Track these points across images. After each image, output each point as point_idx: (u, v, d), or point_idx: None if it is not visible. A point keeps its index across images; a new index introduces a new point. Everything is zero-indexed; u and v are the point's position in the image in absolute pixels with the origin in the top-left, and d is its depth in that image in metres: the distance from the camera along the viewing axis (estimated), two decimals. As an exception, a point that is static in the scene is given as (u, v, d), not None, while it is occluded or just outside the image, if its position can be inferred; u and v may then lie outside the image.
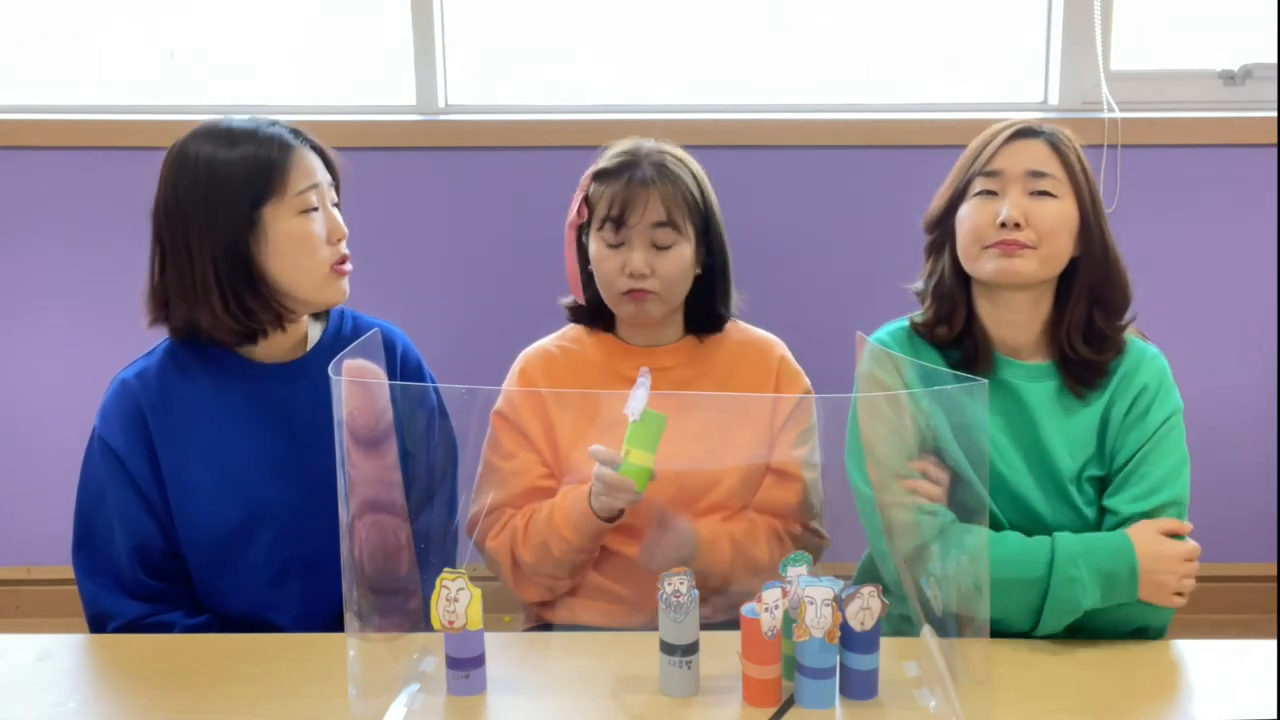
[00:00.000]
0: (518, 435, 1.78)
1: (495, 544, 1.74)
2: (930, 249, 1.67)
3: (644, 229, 1.71)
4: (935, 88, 2.75)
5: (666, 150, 1.78)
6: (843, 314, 2.64)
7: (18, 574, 2.86)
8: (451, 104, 2.73)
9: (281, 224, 1.59)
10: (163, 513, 1.63)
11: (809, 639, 1.34)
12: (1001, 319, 1.61)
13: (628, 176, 1.72)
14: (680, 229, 1.72)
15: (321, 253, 1.62)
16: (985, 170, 1.58)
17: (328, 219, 1.64)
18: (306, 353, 1.70)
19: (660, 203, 1.71)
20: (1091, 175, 1.60)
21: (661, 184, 1.71)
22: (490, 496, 1.76)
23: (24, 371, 2.77)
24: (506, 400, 1.80)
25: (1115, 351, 1.60)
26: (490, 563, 1.76)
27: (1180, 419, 1.60)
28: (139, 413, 1.62)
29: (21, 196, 2.69)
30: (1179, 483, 1.56)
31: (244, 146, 1.58)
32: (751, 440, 1.76)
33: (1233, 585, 2.79)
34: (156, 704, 1.41)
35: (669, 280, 1.72)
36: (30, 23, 2.77)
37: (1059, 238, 1.56)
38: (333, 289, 1.65)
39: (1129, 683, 1.43)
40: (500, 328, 2.67)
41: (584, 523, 1.67)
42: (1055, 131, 1.60)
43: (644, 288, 1.71)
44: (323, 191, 1.64)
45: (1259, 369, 2.75)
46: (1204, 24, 2.74)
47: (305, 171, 1.61)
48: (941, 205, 1.63)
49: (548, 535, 1.70)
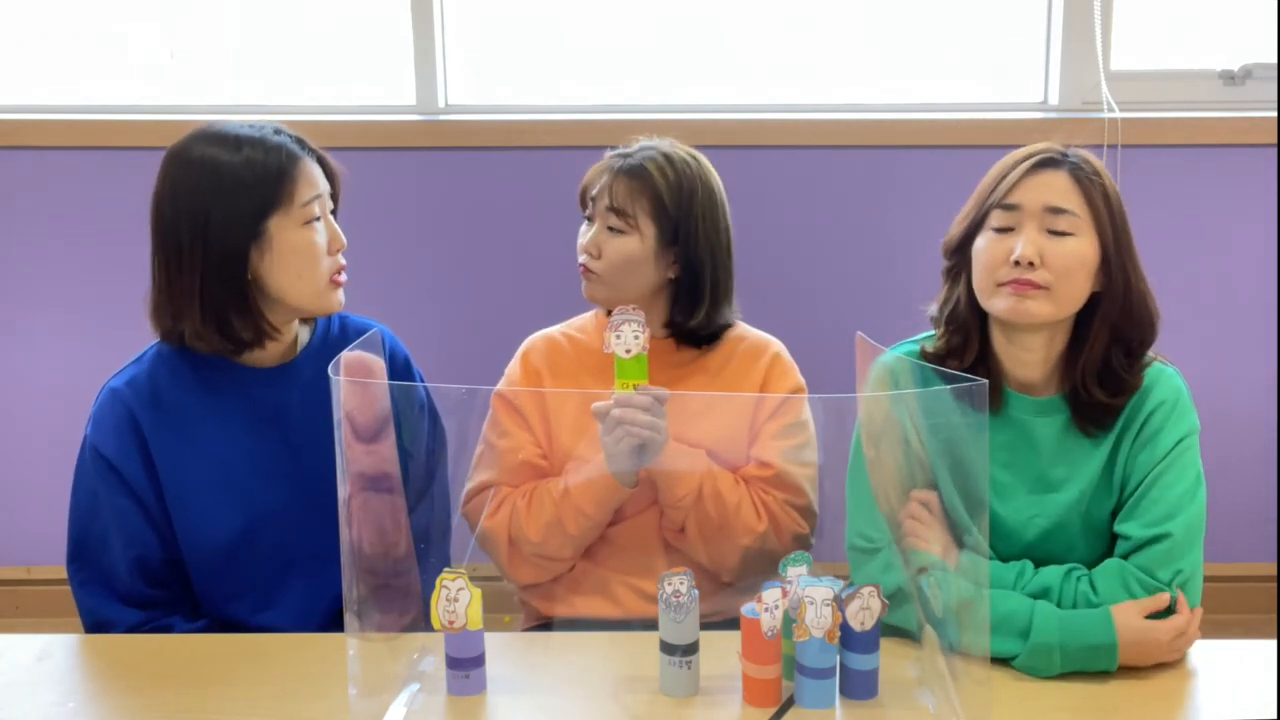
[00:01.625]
0: (515, 415, 1.79)
1: (491, 523, 1.74)
2: (947, 275, 1.62)
3: (602, 211, 1.75)
4: (936, 88, 2.74)
5: (668, 153, 1.76)
6: (843, 314, 2.65)
7: (18, 574, 2.86)
8: (451, 104, 2.73)
9: (287, 234, 1.58)
10: (161, 520, 1.62)
11: (809, 639, 1.34)
12: (1016, 356, 1.56)
13: (610, 162, 1.77)
14: (631, 221, 1.73)
15: (323, 264, 1.62)
16: (1003, 203, 1.52)
17: (329, 229, 1.64)
18: (296, 356, 1.69)
19: (621, 190, 1.73)
20: (1119, 206, 1.54)
21: (629, 176, 1.74)
22: (485, 473, 1.77)
23: (24, 371, 2.77)
24: (508, 382, 1.82)
25: (1130, 394, 1.54)
26: (483, 541, 1.75)
27: (1195, 439, 1.54)
28: (132, 420, 1.61)
29: (21, 196, 2.69)
30: (1193, 506, 1.50)
31: (249, 152, 1.57)
32: (733, 440, 1.76)
33: (1233, 585, 2.79)
34: (156, 704, 1.41)
35: (611, 263, 1.74)
36: (30, 23, 2.76)
37: (1075, 279, 1.50)
38: (330, 299, 1.65)
39: (1129, 683, 1.43)
40: (499, 328, 2.67)
41: (606, 493, 1.68)
42: (1080, 162, 1.53)
43: (588, 265, 1.75)
44: (324, 201, 1.64)
45: (1259, 369, 2.75)
46: (1204, 24, 2.74)
47: (310, 182, 1.61)
48: (959, 233, 1.58)
49: (562, 512, 1.70)
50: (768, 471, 1.73)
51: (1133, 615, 1.45)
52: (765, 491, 1.73)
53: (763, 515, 1.71)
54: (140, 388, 1.63)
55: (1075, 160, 1.53)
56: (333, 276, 1.64)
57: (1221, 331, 2.73)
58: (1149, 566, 1.48)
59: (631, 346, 1.52)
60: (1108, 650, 1.43)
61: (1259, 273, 2.71)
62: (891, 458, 1.51)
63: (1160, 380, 1.56)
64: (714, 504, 1.69)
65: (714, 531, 1.69)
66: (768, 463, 1.74)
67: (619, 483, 1.68)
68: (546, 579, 1.76)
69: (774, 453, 1.74)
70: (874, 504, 1.55)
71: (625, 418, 1.58)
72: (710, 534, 1.70)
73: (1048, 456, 1.57)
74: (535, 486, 1.74)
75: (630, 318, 1.51)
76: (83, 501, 1.64)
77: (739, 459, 1.75)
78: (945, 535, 1.45)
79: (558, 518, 1.70)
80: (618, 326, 1.51)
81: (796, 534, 1.73)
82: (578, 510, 1.69)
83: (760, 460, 1.75)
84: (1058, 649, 1.42)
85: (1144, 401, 1.55)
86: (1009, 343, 1.56)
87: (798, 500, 1.74)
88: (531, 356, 1.84)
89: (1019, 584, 1.49)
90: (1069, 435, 1.57)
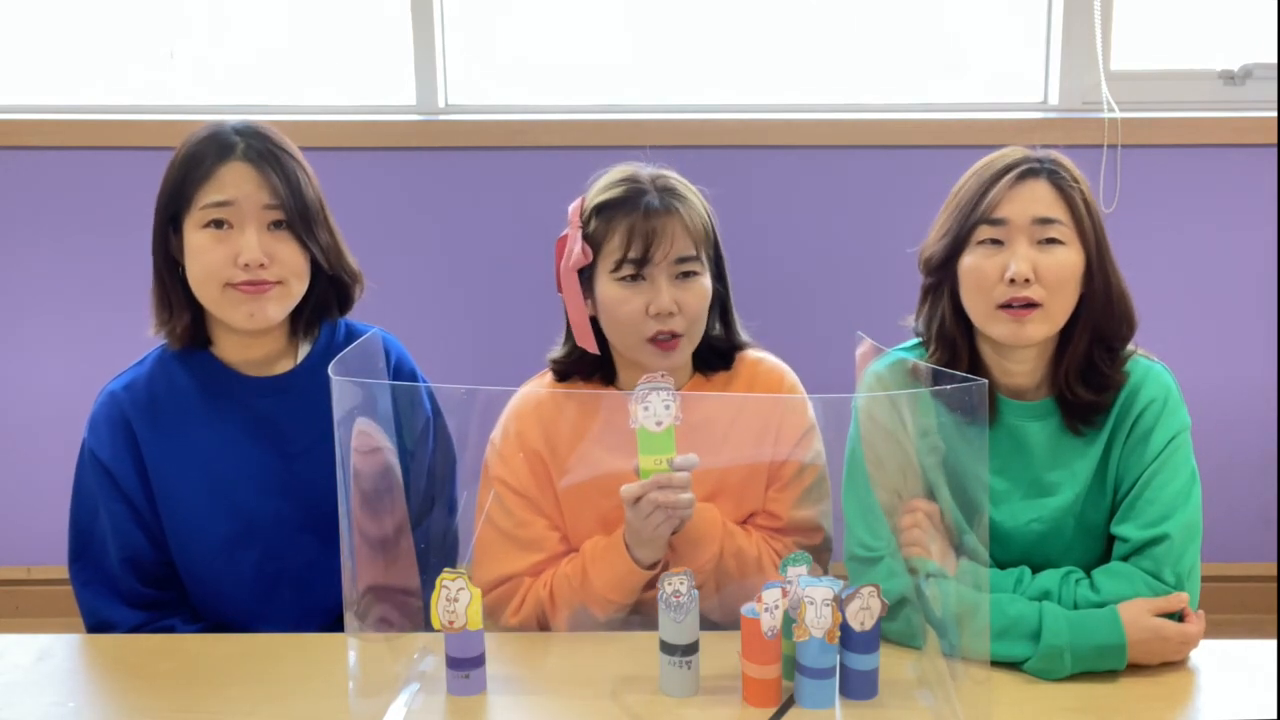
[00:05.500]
0: (524, 502, 1.64)
1: (518, 620, 1.62)
2: (929, 291, 1.60)
3: (667, 264, 1.56)
4: (935, 88, 2.75)
5: (666, 174, 1.63)
6: (843, 314, 2.64)
7: (18, 574, 2.86)
8: (451, 104, 2.73)
9: (189, 234, 1.58)
10: (153, 524, 1.62)
11: (809, 639, 1.34)
12: (1006, 368, 1.56)
13: (642, 206, 1.56)
14: (702, 259, 1.59)
15: (215, 270, 1.55)
16: (990, 218, 1.51)
17: (239, 240, 1.55)
18: (296, 366, 1.68)
19: (685, 233, 1.56)
20: (1096, 209, 1.54)
21: (681, 211, 1.57)
22: (500, 566, 1.63)
23: (24, 371, 2.77)
24: (504, 464, 1.65)
25: (1115, 390, 1.54)
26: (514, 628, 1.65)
27: (1187, 436, 1.54)
28: (126, 424, 1.61)
29: (21, 196, 2.69)
30: (1189, 505, 1.50)
31: (186, 149, 1.59)
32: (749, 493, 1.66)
33: (1233, 585, 2.79)
34: (156, 704, 1.41)
35: (694, 316, 1.58)
36: (30, 23, 2.76)
37: (1067, 290, 1.50)
38: (230, 310, 1.57)
39: (1129, 682, 1.43)
40: (499, 328, 2.69)
41: (630, 580, 1.56)
42: (1056, 167, 1.53)
43: (672, 329, 1.56)
44: (243, 210, 1.56)
45: (1259, 369, 2.75)
46: (1204, 24, 2.74)
47: (222, 186, 1.55)
48: (942, 251, 1.55)
49: (585, 599, 1.58)
50: (778, 523, 1.65)
51: (1139, 614, 1.45)
52: (775, 539, 1.64)
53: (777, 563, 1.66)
54: (138, 392, 1.64)
55: (1051, 166, 1.53)
56: (237, 285, 1.55)
57: (1221, 332, 2.73)
58: (1150, 568, 1.48)
59: (663, 419, 1.38)
60: (1117, 650, 1.43)
61: (1259, 273, 2.71)
62: (889, 465, 1.51)
63: (1149, 379, 1.56)
64: (736, 562, 1.60)
65: (735, 588, 1.59)
66: (778, 515, 1.65)
67: (642, 568, 1.55)
68: None
69: (782, 504, 1.65)
70: (872, 513, 1.54)
71: (666, 501, 1.44)
72: (730, 590, 1.60)
73: (1041, 461, 1.57)
74: (554, 573, 1.62)
75: (659, 386, 1.37)
76: (82, 503, 1.64)
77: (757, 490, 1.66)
78: (945, 542, 1.45)
79: (584, 605, 1.59)
80: (645, 398, 1.37)
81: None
82: (604, 600, 1.58)
83: (770, 512, 1.66)
84: (1068, 650, 1.42)
85: (1134, 401, 1.55)
86: (1000, 356, 1.56)
87: (812, 541, 1.65)
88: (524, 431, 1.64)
89: (1018, 589, 1.49)
90: (1061, 439, 1.57)
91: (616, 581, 1.56)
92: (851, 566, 1.57)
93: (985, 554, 1.40)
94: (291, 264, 1.59)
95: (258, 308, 1.57)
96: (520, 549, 1.63)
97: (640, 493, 1.45)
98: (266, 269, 1.56)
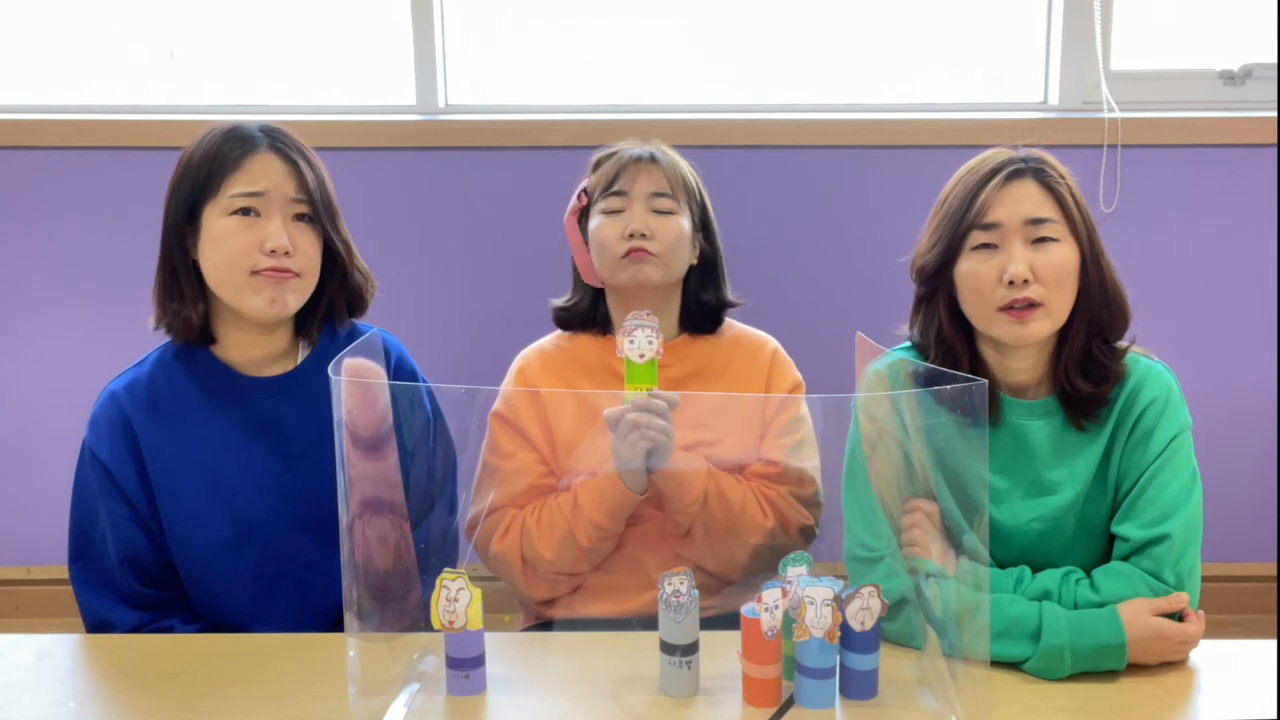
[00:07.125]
0: (516, 435, 1.78)
1: (502, 546, 1.73)
2: (923, 299, 1.61)
3: (643, 196, 1.76)
4: (936, 88, 2.75)
5: (663, 147, 1.84)
6: (843, 314, 2.65)
7: (18, 574, 2.86)
8: (451, 104, 2.74)
9: (212, 222, 1.58)
10: (153, 524, 1.62)
11: (809, 639, 1.34)
12: (1007, 366, 1.57)
13: (625, 154, 1.80)
14: (678, 202, 1.77)
15: (240, 256, 1.57)
16: (982, 223, 1.52)
17: (265, 228, 1.57)
18: (297, 366, 1.68)
19: (660, 173, 1.77)
20: (1083, 204, 1.55)
21: (659, 161, 1.79)
22: (491, 497, 1.76)
23: (24, 371, 2.77)
24: (504, 401, 1.80)
25: (1114, 382, 1.55)
26: (495, 565, 1.75)
27: (1188, 436, 1.55)
28: (127, 425, 1.62)
29: (21, 196, 2.69)
30: (1189, 505, 1.51)
31: (209, 143, 1.59)
32: (745, 439, 1.77)
33: (1233, 585, 2.79)
34: (156, 704, 1.41)
35: (668, 244, 1.75)
36: (30, 23, 2.77)
37: (1065, 287, 1.51)
38: (249, 299, 1.58)
39: (1128, 682, 1.43)
40: (500, 328, 2.68)
41: (617, 503, 1.68)
42: (1042, 166, 1.53)
43: (644, 247, 1.74)
44: (272, 201, 1.58)
45: (1259, 369, 2.75)
46: (1204, 24, 2.75)
47: (251, 176, 1.57)
48: (935, 259, 1.56)
49: (573, 525, 1.69)
50: (773, 469, 1.74)
51: (1140, 613, 1.45)
52: (769, 486, 1.74)
53: (768, 511, 1.71)
54: (138, 391, 1.64)
55: (1037, 165, 1.53)
56: (261, 272, 1.57)
57: (1221, 331, 2.74)
58: (1150, 568, 1.48)
59: (645, 351, 1.51)
60: (1117, 650, 1.43)
61: (1259, 273, 2.71)
62: (889, 464, 1.51)
63: (1150, 378, 1.56)
64: (719, 505, 1.69)
65: (721, 533, 1.69)
66: (774, 460, 1.75)
67: (629, 490, 1.68)
68: (562, 593, 1.76)
69: (779, 450, 1.75)
70: (872, 513, 1.55)
71: (642, 421, 1.58)
72: (717, 536, 1.69)
73: (1042, 460, 1.57)
74: (543, 504, 1.74)
75: (644, 323, 1.50)
76: (82, 503, 1.64)
77: (751, 457, 1.76)
78: (945, 542, 1.45)
79: (570, 532, 1.70)
80: (631, 332, 1.50)
81: (803, 525, 1.74)
82: (590, 522, 1.69)
83: (767, 459, 1.76)
84: (1068, 650, 1.42)
85: (1135, 401, 1.55)
86: (1001, 355, 1.56)
87: (804, 491, 1.75)
88: (527, 371, 1.84)
89: (1018, 589, 1.49)
90: (1063, 438, 1.57)
91: (603, 503, 1.68)
92: (851, 566, 1.57)
93: (985, 554, 1.40)
94: (310, 257, 1.62)
95: (279, 294, 1.59)
96: (504, 479, 1.74)
97: (620, 415, 1.58)
98: (291, 258, 1.59)
